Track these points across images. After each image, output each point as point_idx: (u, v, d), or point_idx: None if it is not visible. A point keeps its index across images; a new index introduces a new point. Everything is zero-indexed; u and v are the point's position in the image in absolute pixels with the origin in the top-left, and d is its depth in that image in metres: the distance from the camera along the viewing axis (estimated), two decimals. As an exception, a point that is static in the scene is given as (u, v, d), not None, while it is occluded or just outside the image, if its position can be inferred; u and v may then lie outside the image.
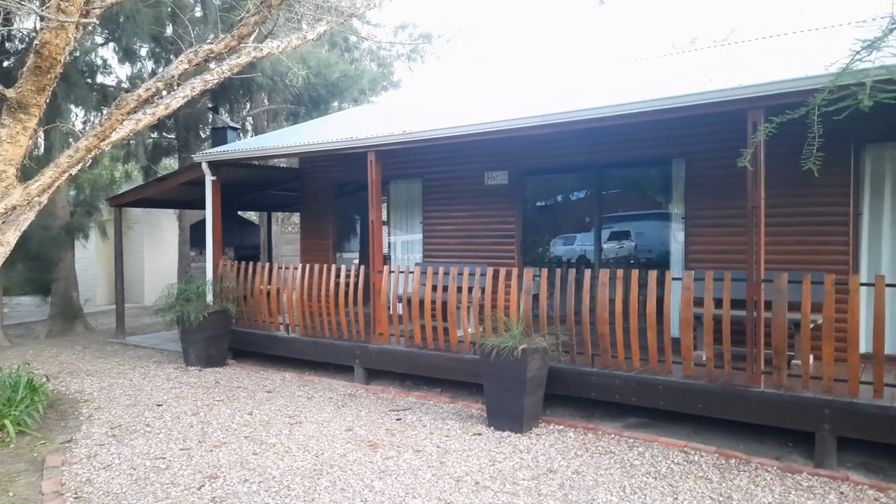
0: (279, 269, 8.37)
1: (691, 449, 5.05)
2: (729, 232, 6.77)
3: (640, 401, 5.61)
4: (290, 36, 7.29)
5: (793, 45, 7.72)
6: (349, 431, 5.57)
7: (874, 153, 6.23)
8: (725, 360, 5.29)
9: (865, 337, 5.63)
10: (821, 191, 6.25)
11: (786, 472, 4.56)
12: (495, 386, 5.61)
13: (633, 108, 5.69)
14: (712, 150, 6.83)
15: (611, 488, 4.28)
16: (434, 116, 8.73)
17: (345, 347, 7.55)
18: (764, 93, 4.87)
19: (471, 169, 8.81)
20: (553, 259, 9.18)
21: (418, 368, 6.99)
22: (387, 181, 9.65)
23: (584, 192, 9.00)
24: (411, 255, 9.72)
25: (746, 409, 5.07)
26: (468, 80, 37.72)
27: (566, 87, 8.89)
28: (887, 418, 4.48)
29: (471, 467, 4.67)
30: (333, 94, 15.96)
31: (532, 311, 6.19)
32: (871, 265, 6.22)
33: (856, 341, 4.69)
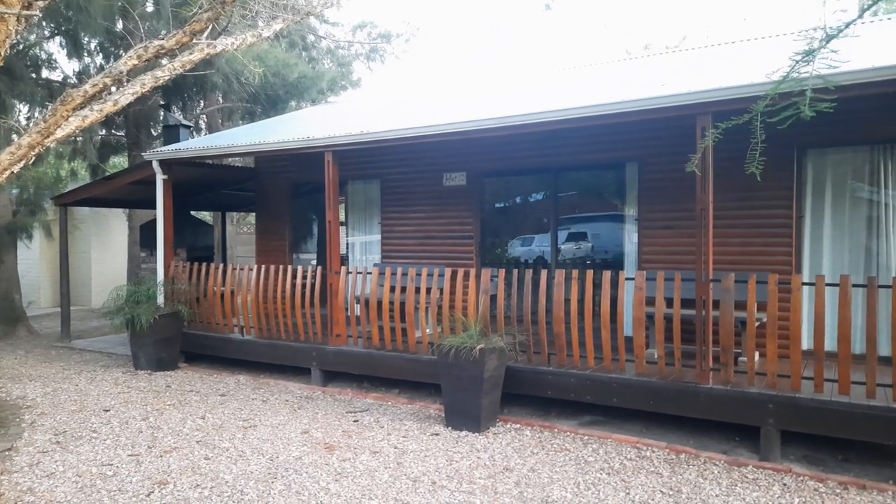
0: (234, 271, 8.22)
1: (643, 445, 5.17)
2: (680, 233, 6.95)
3: (594, 399, 5.71)
4: (245, 33, 7.17)
5: (741, 52, 8.00)
6: (305, 434, 5.50)
7: (815, 158, 6.50)
8: (676, 358, 5.43)
9: (807, 334, 5.88)
10: (766, 194, 6.49)
11: (733, 466, 4.71)
12: (453, 386, 5.63)
13: (588, 112, 5.81)
14: (664, 153, 7.01)
15: (565, 485, 4.35)
16: (393, 117, 8.71)
17: (301, 349, 7.46)
18: (711, 99, 5.04)
19: (429, 170, 8.82)
20: (511, 260, 9.27)
21: (376, 370, 6.96)
22: (345, 181, 9.59)
23: (541, 194, 9.11)
24: (370, 255, 9.67)
25: (696, 406, 5.22)
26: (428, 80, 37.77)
27: (523, 90, 8.99)
28: (827, 412, 4.68)
29: (428, 467, 4.68)
30: (292, 94, 15.76)
31: (490, 311, 6.24)
32: (813, 265, 6.49)
33: (798, 339, 4.88)
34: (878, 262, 6.20)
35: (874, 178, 6.24)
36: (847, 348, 4.64)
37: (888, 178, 6.14)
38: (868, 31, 6.95)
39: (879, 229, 6.21)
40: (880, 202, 6.20)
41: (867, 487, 4.28)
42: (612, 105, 5.69)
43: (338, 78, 18.27)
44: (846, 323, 4.64)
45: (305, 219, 11.46)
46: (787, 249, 6.48)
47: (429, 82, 29.31)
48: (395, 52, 20.41)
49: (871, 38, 6.35)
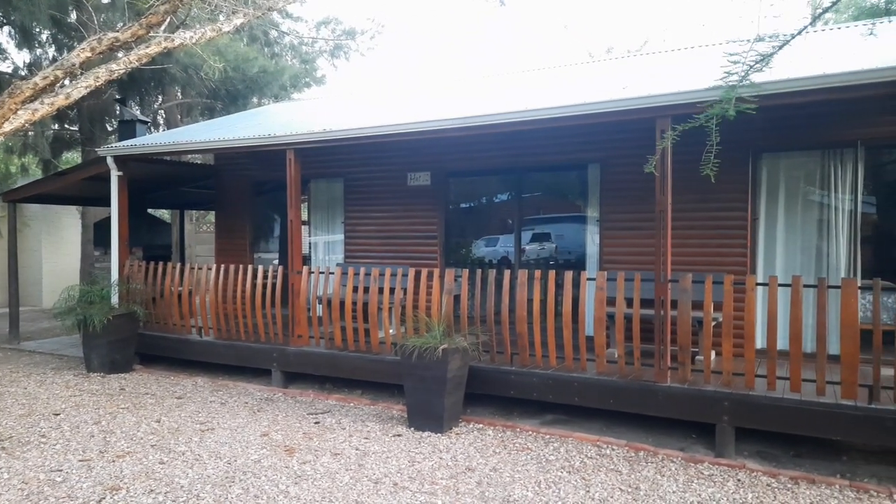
0: (192, 270, 8.02)
1: (604, 443, 5.23)
2: (640, 234, 7.07)
3: (556, 398, 5.76)
4: (204, 27, 7.02)
5: (699, 57, 8.17)
6: (265, 437, 5.40)
7: (770, 162, 6.69)
8: (635, 357, 5.52)
9: (761, 333, 6.04)
10: (722, 197, 6.65)
11: (689, 463, 4.81)
12: (416, 387, 5.61)
13: (551, 114, 5.86)
14: (625, 155, 7.12)
15: (526, 484, 4.37)
16: (356, 115, 8.64)
17: (262, 350, 7.33)
18: (669, 102, 5.13)
19: (394, 169, 8.77)
20: (476, 260, 9.29)
21: (339, 371, 6.88)
22: (307, 180, 9.47)
23: (506, 195, 9.16)
24: (333, 255, 9.57)
25: (654, 404, 5.31)
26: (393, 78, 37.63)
27: (488, 91, 9.02)
28: (779, 409, 4.81)
29: (390, 469, 4.64)
30: (252, 89, 15.47)
31: (454, 311, 6.24)
32: (767, 266, 6.68)
33: (752, 338, 5.02)
34: (828, 264, 6.41)
35: (825, 182, 6.45)
36: (798, 347, 4.78)
37: (838, 182, 6.35)
38: (819, 39, 7.19)
39: (830, 231, 6.42)
40: (831, 205, 6.42)
41: (816, 482, 4.42)
42: (575, 107, 5.75)
43: (301, 74, 18.01)
44: (798, 322, 4.78)
45: (267, 217, 11.27)
46: (743, 251, 6.66)
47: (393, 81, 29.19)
48: (359, 49, 20.17)
49: (820, 46, 6.57)
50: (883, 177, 7.74)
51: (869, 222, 7.14)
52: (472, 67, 42.79)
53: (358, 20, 38.55)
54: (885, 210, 7.73)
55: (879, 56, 4.81)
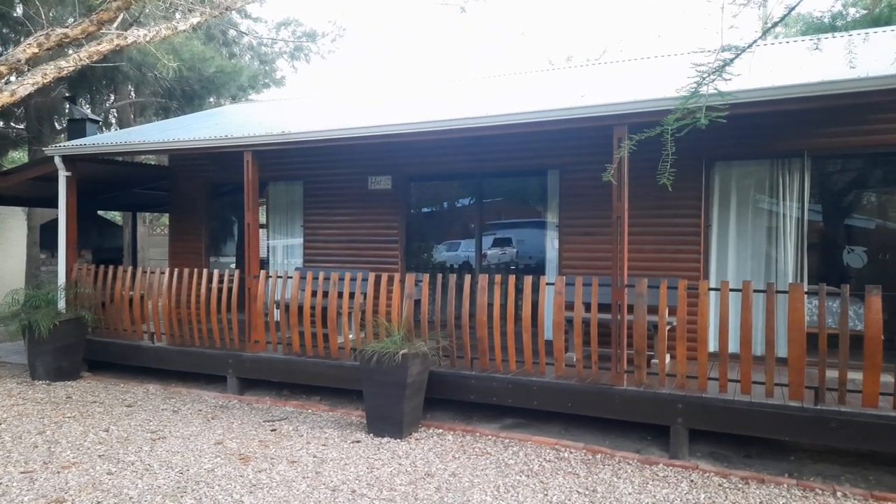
0: (144, 274, 7.79)
1: (562, 446, 5.28)
2: (598, 240, 7.18)
3: (516, 402, 5.79)
4: (159, 25, 6.85)
5: (656, 67, 8.37)
6: (219, 445, 5.27)
7: (722, 170, 6.89)
8: (593, 361, 5.59)
9: (714, 337, 6.19)
10: (677, 204, 6.81)
11: (645, 464, 4.89)
12: (375, 392, 5.56)
13: (511, 120, 5.91)
14: (584, 162, 7.23)
15: (485, 488, 4.37)
16: (317, 118, 8.55)
17: (217, 356, 7.16)
18: (626, 111, 5.23)
19: (354, 172, 8.70)
20: (437, 265, 9.29)
21: (297, 377, 6.77)
22: (266, 182, 9.32)
23: (467, 200, 9.20)
24: (292, 259, 9.43)
25: (611, 407, 5.39)
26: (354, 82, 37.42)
27: (449, 96, 9.05)
28: (731, 410, 4.94)
29: (348, 476, 4.58)
30: (209, 89, 15.14)
31: (414, 316, 6.21)
32: (719, 272, 6.87)
33: (705, 341, 5.14)
34: (777, 269, 6.63)
35: (774, 191, 6.68)
36: (749, 350, 4.92)
37: (786, 191, 6.58)
38: (769, 53, 7.45)
39: (778, 238, 6.64)
40: (779, 213, 6.64)
41: (766, 481, 4.55)
42: (535, 114, 5.81)
43: (260, 75, 17.72)
44: (748, 326, 4.92)
45: (224, 220, 11.05)
46: (696, 256, 6.83)
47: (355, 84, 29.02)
48: (320, 51, 19.94)
49: (770, 59, 6.80)
50: (828, 186, 8.06)
51: (815, 229, 7.42)
52: (434, 73, 42.93)
53: (319, 22, 38.20)
54: (830, 218, 8.06)
55: (824, 70, 5.01)
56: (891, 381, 4.53)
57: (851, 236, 8.15)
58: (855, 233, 8.17)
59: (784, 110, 5.10)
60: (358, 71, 44.55)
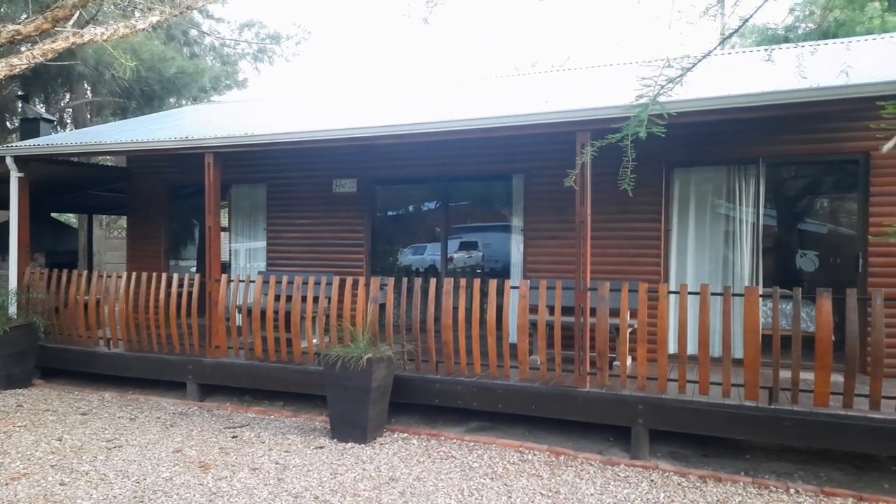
0: (100, 278, 7.58)
1: (526, 448, 5.32)
2: (562, 244, 7.26)
3: (480, 405, 5.81)
4: (117, 24, 6.69)
5: (621, 73, 8.52)
6: (177, 453, 5.15)
7: (681, 176, 7.06)
8: (557, 364, 5.65)
9: (674, 339, 6.33)
10: (638, 208, 6.94)
11: (607, 465, 4.96)
12: (340, 397, 5.51)
13: (476, 125, 5.94)
14: (548, 167, 7.31)
15: (450, 492, 4.37)
16: (281, 120, 8.46)
17: (176, 362, 7.00)
18: (589, 117, 5.31)
19: (319, 176, 8.63)
20: (403, 268, 9.27)
21: (259, 382, 6.67)
22: (228, 185, 9.17)
23: (433, 203, 9.20)
24: (255, 263, 9.29)
25: (574, 409, 5.45)
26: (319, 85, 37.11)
27: (415, 100, 9.06)
28: (690, 411, 5.05)
29: (311, 482, 4.53)
30: (169, 90, 14.83)
31: (379, 320, 6.18)
32: (679, 275, 7.02)
33: (664, 343, 5.25)
34: (734, 272, 6.81)
35: (731, 196, 6.86)
36: (706, 352, 5.04)
37: (742, 196, 6.77)
38: (725, 62, 7.66)
39: (735, 242, 6.83)
40: (736, 217, 6.83)
41: (723, 479, 4.66)
42: (500, 119, 5.86)
43: (222, 76, 17.42)
44: (706, 328, 5.04)
45: (185, 223, 10.81)
46: (657, 260, 6.97)
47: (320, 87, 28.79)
48: (284, 54, 19.72)
49: (726, 69, 7.00)
50: (782, 192, 8.33)
51: (770, 234, 7.66)
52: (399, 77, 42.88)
53: (283, 25, 37.83)
54: (784, 223, 8.32)
55: (776, 80, 5.18)
56: (841, 380, 4.69)
57: (804, 240, 8.43)
58: (808, 237, 8.45)
59: (739, 118, 5.26)
60: (323, 74, 44.26)
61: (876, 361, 4.58)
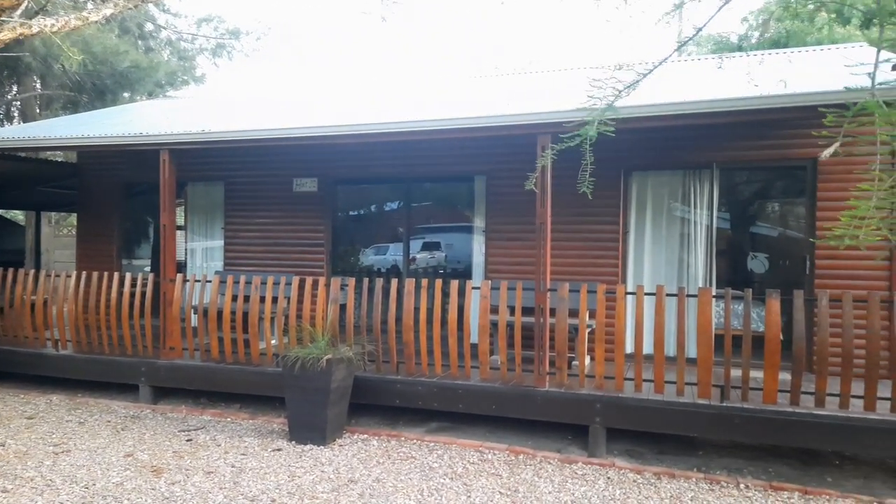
0: (48, 277, 7.30)
1: (486, 448, 5.35)
2: (523, 245, 7.33)
3: (441, 405, 5.81)
4: (68, 15, 6.48)
5: (581, 77, 8.63)
6: (129, 457, 5.00)
7: (639, 180, 7.20)
8: (517, 364, 5.70)
9: (630, 339, 6.45)
10: (598, 211, 7.06)
11: (565, 463, 5.03)
12: (298, 398, 5.44)
13: (439, 126, 5.95)
14: (510, 169, 7.37)
15: (409, 493, 4.36)
16: (239, 117, 8.31)
17: (128, 364, 6.80)
18: (549, 120, 5.37)
19: (278, 174, 8.51)
20: (365, 269, 9.21)
21: (215, 384, 6.53)
22: (184, 182, 8.96)
23: (396, 204, 9.18)
24: (212, 262, 9.10)
25: (534, 408, 5.51)
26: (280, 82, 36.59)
27: (377, 100, 9.01)
28: (645, 409, 5.16)
29: (268, 485, 4.46)
30: (123, 84, 14.39)
31: (340, 320, 6.13)
32: (636, 276, 7.17)
33: (622, 343, 5.35)
34: (689, 274, 6.99)
35: (686, 199, 7.04)
36: (661, 351, 5.15)
37: (697, 200, 6.95)
38: (682, 69, 7.86)
39: (690, 244, 7.01)
40: (691, 220, 7.01)
41: (676, 476, 4.78)
42: (461, 120, 5.88)
43: (179, 72, 17.00)
44: (661, 328, 5.16)
45: (138, 221, 10.52)
46: (615, 261, 7.10)
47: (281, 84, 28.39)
48: (244, 49, 19.36)
49: (682, 75, 7.19)
50: (735, 195, 8.59)
51: (723, 237, 7.89)
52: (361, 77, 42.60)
53: (243, 20, 37.17)
54: (737, 225, 8.58)
55: (728, 87, 5.34)
56: (789, 378, 4.86)
57: (756, 243, 8.71)
58: (759, 240, 8.74)
59: (693, 124, 5.40)
60: (284, 72, 43.66)
61: (821, 360, 4.76)
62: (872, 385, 4.61)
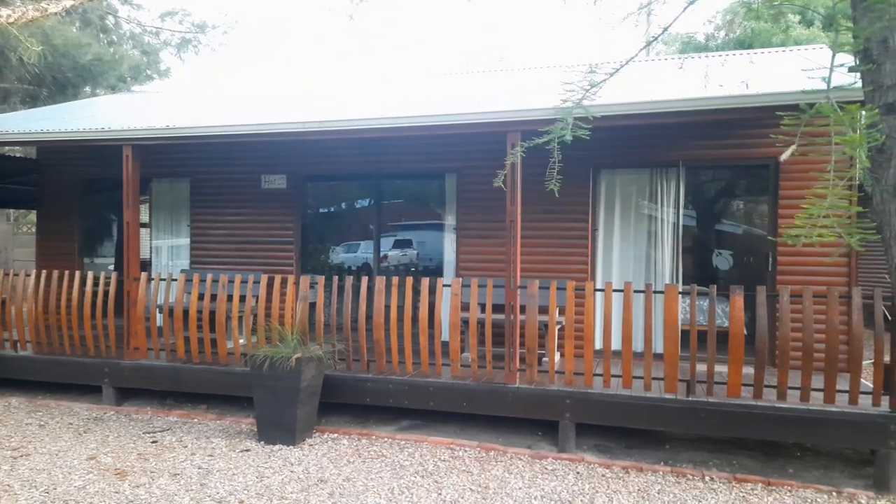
0: (6, 276, 7.08)
1: (457, 445, 5.36)
2: (494, 242, 7.34)
3: (412, 403, 5.80)
4: (26, 5, 6.29)
5: (552, 76, 8.68)
6: (92, 460, 4.88)
7: (607, 178, 7.28)
8: (488, 361, 5.72)
9: (600, 335, 6.52)
10: (567, 209, 7.12)
11: (535, 459, 5.06)
12: (267, 398, 5.37)
13: (409, 122, 5.92)
14: (480, 166, 7.37)
15: (380, 491, 4.35)
16: (205, 112, 8.16)
17: (91, 365, 6.63)
18: (519, 118, 5.40)
19: (246, 171, 8.38)
20: (335, 266, 9.15)
21: (182, 385, 6.41)
22: (149, 179, 8.77)
23: (367, 201, 9.12)
24: (178, 261, 8.92)
25: (504, 405, 5.53)
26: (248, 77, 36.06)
27: (347, 96, 8.94)
28: (614, 404, 5.23)
29: (236, 486, 4.40)
30: (85, 78, 14.00)
31: (309, 319, 6.07)
32: (605, 273, 7.25)
33: (591, 339, 5.40)
34: (656, 270, 7.10)
35: (654, 197, 7.14)
36: (629, 347, 5.23)
37: (664, 198, 7.06)
38: (650, 68, 7.97)
39: (657, 241, 7.11)
40: (658, 218, 7.12)
41: (644, 469, 4.85)
42: (432, 118, 5.87)
43: (142, 66, 16.58)
44: (629, 325, 5.23)
45: (101, 219, 10.26)
46: (585, 259, 7.17)
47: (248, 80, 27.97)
48: (210, 43, 18.97)
49: (650, 74, 7.29)
50: (701, 194, 8.76)
51: (689, 234, 8.03)
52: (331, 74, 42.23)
53: (209, 14, 36.47)
54: (703, 223, 8.75)
55: (694, 87, 5.43)
56: (752, 372, 4.97)
57: (721, 240, 8.89)
58: (724, 237, 8.92)
59: (660, 123, 5.48)
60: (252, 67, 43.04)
61: (783, 354, 4.88)
62: (832, 378, 4.74)
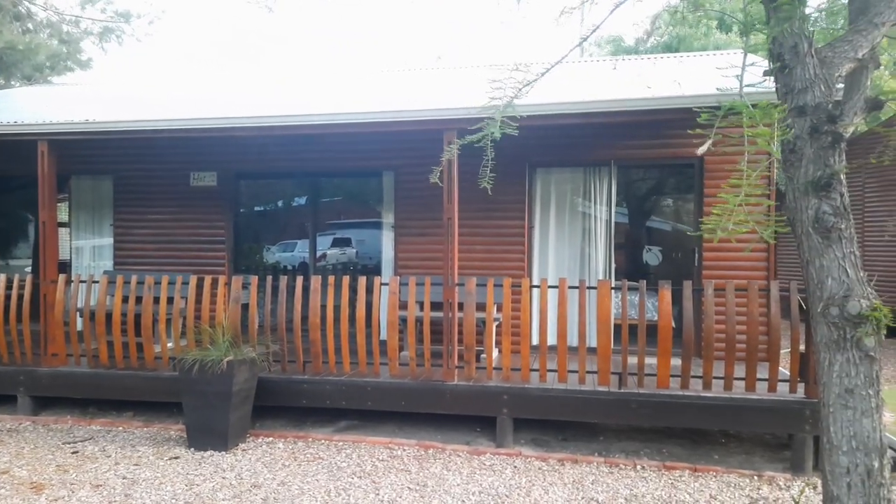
0: None
1: (395, 444, 5.32)
2: (432, 240, 7.34)
3: (350, 404, 5.72)
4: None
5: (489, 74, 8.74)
6: (4, 474, 4.57)
7: (543, 176, 7.41)
8: (426, 359, 5.71)
9: (536, 331, 6.62)
10: (504, 206, 7.20)
11: (473, 455, 5.09)
12: (197, 403, 5.18)
13: (343, 119, 5.85)
14: (417, 164, 7.31)
15: (316, 494, 4.26)
16: (129, 106, 7.79)
17: (4, 373, 6.21)
18: (454, 116, 5.39)
19: (174, 168, 8.06)
20: (271, 266, 8.92)
21: (105, 391, 6.10)
22: (67, 176, 8.31)
23: (303, 199, 8.94)
24: (101, 261, 8.49)
25: (443, 402, 5.54)
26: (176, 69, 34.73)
27: (282, 92, 8.73)
28: (550, 398, 5.32)
29: (163, 496, 4.21)
30: (-4, 67, 13.13)
31: (242, 320, 5.89)
32: (541, 270, 7.37)
33: (527, 335, 5.48)
34: (591, 267, 7.27)
35: (587, 195, 7.31)
36: (564, 342, 5.32)
37: (597, 196, 7.24)
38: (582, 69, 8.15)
39: (591, 238, 7.29)
40: (591, 215, 7.29)
41: (579, 461, 4.96)
42: (367, 115, 5.81)
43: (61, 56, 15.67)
44: (564, 320, 5.33)
45: (16, 219, 9.67)
46: (521, 256, 7.27)
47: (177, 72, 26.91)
48: (135, 34, 18.11)
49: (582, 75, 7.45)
50: (632, 192, 9.04)
51: (622, 231, 8.27)
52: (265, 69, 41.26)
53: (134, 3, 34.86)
54: (634, 220, 9.03)
55: (623, 88, 5.60)
56: (679, 364, 5.16)
57: (651, 237, 9.21)
58: (654, 234, 9.24)
59: (590, 122, 5.61)
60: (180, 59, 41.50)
61: (707, 346, 5.09)
62: (752, 367, 4.98)
